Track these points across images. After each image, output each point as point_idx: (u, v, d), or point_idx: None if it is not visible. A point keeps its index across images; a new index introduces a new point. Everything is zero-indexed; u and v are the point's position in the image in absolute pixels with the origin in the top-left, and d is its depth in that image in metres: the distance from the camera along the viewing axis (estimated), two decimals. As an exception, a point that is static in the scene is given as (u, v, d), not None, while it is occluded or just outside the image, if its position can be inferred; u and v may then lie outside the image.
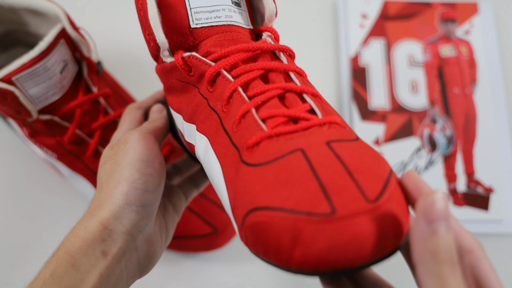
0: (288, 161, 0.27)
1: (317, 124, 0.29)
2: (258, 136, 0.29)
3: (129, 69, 0.57)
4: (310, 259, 0.24)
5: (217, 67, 0.32)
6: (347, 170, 0.26)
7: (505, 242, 0.53)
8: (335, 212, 0.24)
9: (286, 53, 0.34)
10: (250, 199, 0.27)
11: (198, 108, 0.35)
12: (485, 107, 0.56)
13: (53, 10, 0.43)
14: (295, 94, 0.31)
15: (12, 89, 0.40)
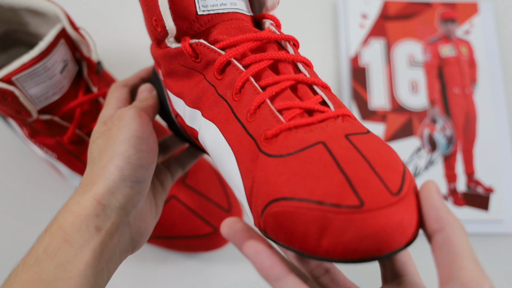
0: (311, 154, 0.28)
1: (332, 117, 0.30)
2: (277, 128, 0.30)
3: (129, 69, 0.57)
4: (339, 248, 0.26)
5: (228, 56, 0.33)
6: (369, 163, 0.27)
7: (505, 242, 0.53)
8: (364, 204, 0.25)
9: (291, 43, 0.34)
10: (273, 189, 0.28)
11: (204, 94, 0.35)
12: (485, 107, 0.56)
13: (53, 10, 0.43)
14: (306, 86, 0.32)
15: (12, 89, 0.40)
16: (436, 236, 0.27)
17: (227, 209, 0.48)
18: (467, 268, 0.25)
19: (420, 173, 0.54)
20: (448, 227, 0.26)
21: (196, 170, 0.49)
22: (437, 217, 0.27)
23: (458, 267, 0.25)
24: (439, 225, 0.26)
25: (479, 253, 0.53)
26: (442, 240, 0.26)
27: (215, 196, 0.48)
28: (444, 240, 0.26)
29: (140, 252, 0.51)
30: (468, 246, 0.26)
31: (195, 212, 0.47)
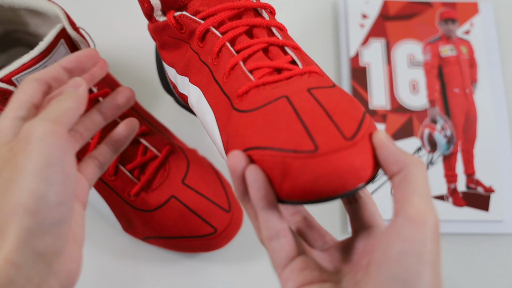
0: (275, 107, 0.31)
1: (298, 74, 0.33)
2: (247, 86, 0.33)
3: (129, 69, 0.57)
4: (297, 190, 0.28)
5: (206, 24, 0.36)
6: (327, 113, 0.29)
7: (505, 242, 0.53)
8: (318, 149, 0.28)
9: (267, 10, 0.37)
10: (243, 141, 0.31)
11: (190, 62, 0.38)
12: (485, 107, 0.56)
13: (53, 10, 0.43)
14: (277, 47, 0.35)
15: (12, 89, 0.40)
16: (395, 177, 0.28)
17: (227, 209, 0.48)
18: (414, 203, 0.26)
19: (420, 173, 0.54)
20: (406, 167, 0.28)
21: (196, 170, 0.49)
22: (395, 161, 0.28)
23: (407, 203, 0.27)
24: (399, 167, 0.28)
25: (479, 253, 0.53)
26: (399, 179, 0.28)
27: (215, 196, 0.48)
28: (401, 179, 0.28)
29: (140, 252, 0.51)
30: (422, 182, 0.27)
31: (195, 212, 0.47)
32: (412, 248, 0.25)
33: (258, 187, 0.29)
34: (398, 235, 0.26)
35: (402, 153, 0.28)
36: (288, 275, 0.29)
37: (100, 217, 0.52)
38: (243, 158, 0.29)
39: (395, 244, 0.26)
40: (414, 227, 0.26)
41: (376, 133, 0.29)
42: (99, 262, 0.51)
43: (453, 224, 0.52)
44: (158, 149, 0.48)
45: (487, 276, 0.52)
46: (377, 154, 0.29)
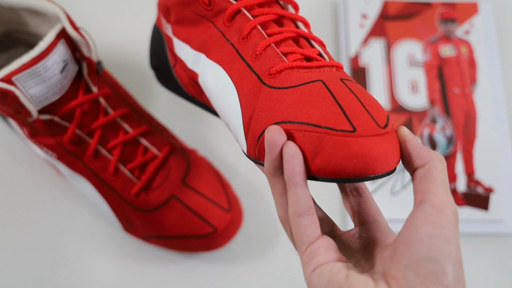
0: (311, 88, 0.32)
1: (328, 65, 0.34)
2: (281, 65, 0.34)
3: (129, 69, 0.57)
4: (330, 166, 0.29)
5: (238, 5, 0.37)
6: (360, 101, 0.31)
7: (505, 242, 0.53)
8: (356, 130, 0.29)
9: (292, 5, 0.38)
10: (276, 114, 0.32)
11: (211, 39, 0.39)
12: (485, 107, 0.56)
13: (53, 10, 0.43)
14: (305, 40, 0.36)
15: (12, 89, 0.40)
16: (418, 170, 0.30)
17: (227, 209, 0.48)
18: (439, 193, 0.29)
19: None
20: (430, 161, 0.30)
21: (196, 170, 0.49)
22: (420, 155, 0.30)
23: (431, 193, 0.29)
24: (423, 161, 0.30)
25: (479, 253, 0.53)
26: (423, 172, 0.30)
27: (215, 196, 0.48)
28: (425, 172, 0.30)
29: (140, 252, 0.51)
30: (444, 177, 0.30)
31: (195, 212, 0.47)
32: (441, 232, 0.28)
33: (295, 163, 0.30)
34: (427, 221, 0.28)
35: (426, 148, 0.31)
36: (314, 251, 0.30)
37: (100, 217, 0.52)
38: (282, 133, 0.30)
39: (425, 228, 0.28)
40: (441, 214, 0.28)
41: (401, 128, 0.31)
42: (99, 262, 0.51)
43: (453, 224, 0.52)
44: (158, 149, 0.48)
45: (487, 276, 0.52)
46: (403, 147, 0.31)
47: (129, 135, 0.47)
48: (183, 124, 0.55)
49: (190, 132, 0.55)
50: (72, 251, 0.51)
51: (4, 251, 0.51)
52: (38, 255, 0.51)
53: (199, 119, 0.56)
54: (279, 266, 0.51)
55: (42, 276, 0.50)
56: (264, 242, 0.52)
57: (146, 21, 0.59)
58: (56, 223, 0.52)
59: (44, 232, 0.52)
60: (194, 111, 0.56)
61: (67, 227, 0.52)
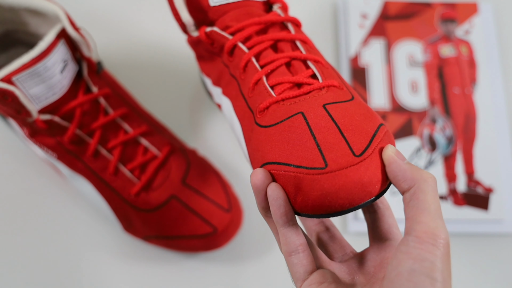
0: (291, 123, 0.32)
1: (317, 88, 0.34)
2: (267, 102, 0.34)
3: (129, 69, 0.57)
4: (309, 204, 0.30)
5: (234, 40, 0.37)
6: (339, 128, 0.31)
7: (505, 242, 0.53)
8: (327, 166, 0.29)
9: (293, 24, 0.39)
10: (262, 155, 0.33)
11: (222, 74, 0.41)
12: (485, 107, 0.56)
13: (53, 10, 0.43)
14: (300, 61, 0.36)
15: (12, 89, 0.40)
16: (405, 194, 0.29)
17: (227, 209, 0.48)
18: (423, 221, 0.27)
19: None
20: (415, 184, 0.29)
21: (196, 170, 0.49)
22: (404, 179, 0.29)
23: (416, 221, 0.27)
24: (408, 185, 0.29)
25: (479, 253, 0.53)
26: (409, 196, 0.29)
27: (215, 196, 0.48)
28: (411, 196, 0.29)
29: (140, 252, 0.51)
30: (431, 200, 0.28)
31: (195, 212, 0.47)
32: (422, 267, 0.26)
33: (278, 205, 0.30)
34: (408, 254, 0.27)
35: (411, 169, 0.29)
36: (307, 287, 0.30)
37: (100, 217, 0.52)
38: (264, 176, 0.31)
39: (405, 263, 0.27)
40: (424, 246, 0.26)
41: (385, 149, 0.30)
42: (99, 262, 0.51)
43: (453, 224, 0.52)
44: (158, 149, 0.48)
45: (487, 276, 0.52)
46: (387, 171, 0.30)
47: (129, 135, 0.47)
48: (183, 124, 0.55)
49: (190, 132, 0.55)
50: (72, 251, 0.51)
51: (4, 251, 0.51)
52: (38, 255, 0.51)
53: (199, 119, 0.56)
54: (279, 266, 0.51)
55: (42, 276, 0.50)
56: (264, 242, 0.52)
57: (146, 21, 0.59)
58: (56, 223, 0.52)
59: (44, 232, 0.52)
60: (194, 111, 0.56)
61: (67, 227, 0.52)
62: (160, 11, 0.59)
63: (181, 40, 0.57)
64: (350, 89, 0.36)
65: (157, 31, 0.58)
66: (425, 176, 0.29)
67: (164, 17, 0.58)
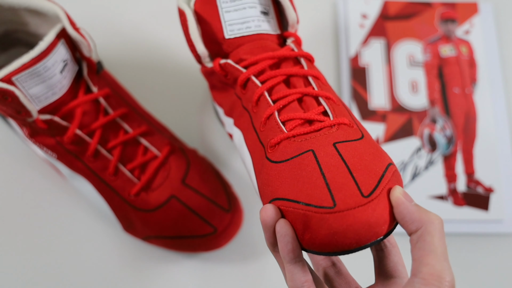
0: (302, 160, 0.33)
1: (328, 126, 0.35)
2: (278, 137, 0.35)
3: (129, 69, 0.57)
4: (316, 242, 0.30)
5: (247, 73, 0.38)
6: (348, 168, 0.31)
7: (505, 242, 0.53)
8: (336, 206, 0.30)
9: (306, 59, 0.39)
10: (272, 190, 0.33)
11: (235, 106, 0.41)
12: (485, 107, 0.56)
13: (53, 10, 0.43)
14: (311, 97, 0.37)
15: (12, 89, 0.40)
16: (412, 236, 0.30)
17: (227, 209, 0.48)
18: (430, 263, 0.28)
19: (420, 173, 0.54)
20: (422, 226, 0.29)
21: (196, 170, 0.49)
22: (412, 220, 0.29)
23: (423, 263, 0.28)
24: (415, 226, 0.29)
25: (479, 253, 0.53)
26: (416, 238, 0.29)
27: (215, 196, 0.48)
28: (418, 238, 0.29)
29: (140, 252, 0.51)
30: (438, 242, 0.29)
31: (195, 212, 0.47)
32: None
33: (286, 242, 0.31)
34: None
35: (418, 211, 0.30)
36: None
37: (100, 217, 0.52)
38: (274, 212, 0.32)
39: None
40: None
41: (393, 191, 0.31)
42: (99, 262, 0.51)
43: (453, 224, 0.52)
44: (158, 149, 0.48)
45: (487, 276, 0.52)
46: (395, 213, 0.30)
47: (129, 135, 0.47)
48: (183, 124, 0.55)
49: (190, 132, 0.55)
50: (72, 251, 0.51)
51: (4, 251, 0.51)
52: (38, 255, 0.51)
53: (199, 119, 0.56)
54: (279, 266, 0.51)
55: (42, 276, 0.50)
56: (264, 242, 0.52)
57: (146, 21, 0.59)
58: (56, 223, 0.52)
59: (44, 232, 0.52)
60: (194, 111, 0.56)
61: (67, 227, 0.52)
62: (161, 12, 0.59)
63: (181, 40, 0.57)
64: (360, 126, 0.37)
65: (158, 31, 0.58)
66: (432, 218, 0.29)
67: (164, 17, 0.58)
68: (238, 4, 0.39)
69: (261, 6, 0.40)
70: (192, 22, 0.40)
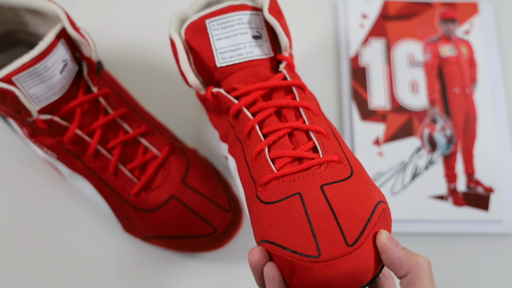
0: (289, 204, 0.33)
1: (317, 164, 0.35)
2: (267, 177, 0.35)
3: (129, 69, 0.57)
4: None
5: (239, 105, 0.38)
6: (334, 214, 0.32)
7: (505, 242, 0.53)
8: (320, 255, 0.30)
9: (297, 87, 0.39)
10: (261, 231, 0.34)
11: (229, 133, 0.42)
12: (485, 107, 0.56)
13: (53, 10, 0.43)
14: (302, 132, 0.37)
15: (12, 89, 0.40)
16: (402, 280, 0.30)
17: (227, 209, 0.48)
18: None
19: (420, 173, 0.54)
20: (411, 270, 0.30)
21: (196, 170, 0.49)
22: (401, 266, 0.30)
23: None
24: (405, 271, 0.30)
25: (479, 253, 0.53)
26: (406, 282, 0.30)
27: (215, 196, 0.48)
28: (408, 282, 0.30)
29: (140, 252, 0.51)
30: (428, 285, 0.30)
31: (195, 212, 0.47)
32: None
33: (274, 285, 0.32)
34: None
35: (406, 255, 0.30)
36: None
37: (100, 217, 0.52)
38: (261, 255, 0.32)
39: None
40: None
41: (379, 236, 0.31)
42: (99, 262, 0.51)
43: (453, 224, 0.52)
44: (158, 149, 0.48)
45: (487, 276, 0.52)
46: (382, 258, 0.31)
47: (129, 135, 0.47)
48: (183, 124, 0.55)
49: (190, 132, 0.55)
50: (72, 251, 0.51)
51: (4, 251, 0.51)
52: (38, 255, 0.51)
53: (199, 119, 0.56)
54: None
55: (42, 276, 0.50)
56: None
57: (146, 21, 0.59)
58: (56, 223, 0.52)
59: (44, 232, 0.52)
60: (194, 111, 0.56)
61: (67, 227, 0.52)
62: (161, 11, 0.59)
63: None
64: (351, 160, 0.37)
65: (158, 31, 0.58)
66: (420, 261, 0.30)
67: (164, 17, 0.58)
68: (229, 31, 0.39)
69: (253, 30, 0.39)
70: (182, 53, 0.39)
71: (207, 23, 0.39)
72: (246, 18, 0.39)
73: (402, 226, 0.52)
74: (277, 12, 0.39)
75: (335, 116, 0.57)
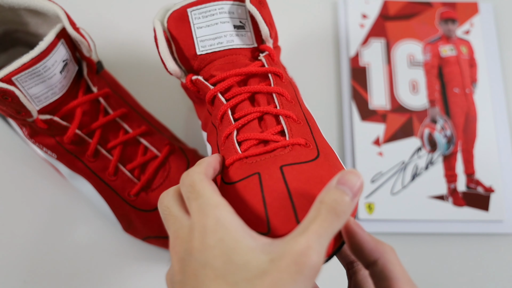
0: (247, 183, 0.33)
1: (281, 146, 0.35)
2: (231, 158, 0.36)
3: (129, 69, 0.57)
4: None
5: (214, 90, 0.39)
6: (289, 193, 0.31)
7: (505, 242, 0.53)
8: (270, 232, 0.30)
9: (274, 75, 0.39)
10: None
11: (207, 121, 0.42)
12: (485, 107, 0.56)
13: (53, 10, 0.43)
14: (272, 116, 0.37)
15: (12, 89, 0.40)
16: (373, 266, 0.29)
17: (227, 209, 0.48)
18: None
19: (420, 173, 0.54)
20: (381, 256, 0.29)
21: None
22: (370, 251, 0.29)
23: None
24: (374, 256, 0.29)
25: (479, 253, 0.53)
26: (379, 269, 0.29)
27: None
28: (380, 268, 0.29)
29: (140, 252, 0.51)
30: (401, 269, 0.29)
31: (195, 212, 0.47)
32: None
33: None
34: None
35: (374, 240, 0.30)
36: None
37: (100, 217, 0.52)
38: None
39: None
40: None
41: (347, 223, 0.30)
42: (99, 262, 0.51)
43: (453, 224, 0.52)
44: (158, 149, 0.48)
45: (487, 276, 0.52)
46: (349, 244, 0.30)
47: (129, 135, 0.47)
48: (183, 124, 0.55)
49: (190, 132, 0.55)
50: (72, 251, 0.51)
51: (4, 251, 0.51)
52: (38, 255, 0.51)
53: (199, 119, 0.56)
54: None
55: (42, 276, 0.50)
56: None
57: (146, 21, 0.59)
58: (56, 223, 0.52)
59: (44, 232, 0.52)
60: (194, 111, 0.56)
61: (67, 227, 0.52)
62: (160, 11, 0.58)
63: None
64: (320, 145, 0.36)
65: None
66: (387, 247, 0.30)
67: (164, 17, 0.58)
68: (210, 20, 0.39)
69: (236, 20, 0.40)
70: (162, 39, 0.39)
71: (189, 12, 0.39)
72: (228, 7, 0.39)
73: (402, 226, 0.52)
74: (259, 2, 0.39)
75: (335, 116, 0.57)
